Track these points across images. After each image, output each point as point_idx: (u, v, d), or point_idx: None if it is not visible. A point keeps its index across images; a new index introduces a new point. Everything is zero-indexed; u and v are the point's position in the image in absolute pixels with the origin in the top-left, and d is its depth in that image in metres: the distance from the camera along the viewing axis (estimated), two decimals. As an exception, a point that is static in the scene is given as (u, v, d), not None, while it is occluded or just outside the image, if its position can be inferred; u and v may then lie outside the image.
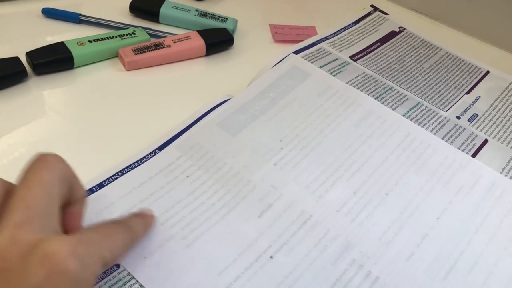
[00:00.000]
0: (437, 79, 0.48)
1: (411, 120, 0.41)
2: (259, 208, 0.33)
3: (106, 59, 0.46)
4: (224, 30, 0.50)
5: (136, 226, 0.29)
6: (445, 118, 0.43)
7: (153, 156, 0.36)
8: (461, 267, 0.32)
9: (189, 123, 0.38)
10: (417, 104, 0.44)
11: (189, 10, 0.52)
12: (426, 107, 0.44)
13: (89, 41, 0.45)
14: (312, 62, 0.45)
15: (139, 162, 0.35)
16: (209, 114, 0.39)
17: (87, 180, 0.33)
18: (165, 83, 0.45)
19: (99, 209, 0.31)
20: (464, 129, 0.42)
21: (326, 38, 0.50)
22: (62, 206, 0.25)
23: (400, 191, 0.36)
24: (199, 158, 0.36)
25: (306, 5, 0.60)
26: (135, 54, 0.45)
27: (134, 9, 0.52)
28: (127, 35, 0.47)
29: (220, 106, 0.40)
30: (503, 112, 0.45)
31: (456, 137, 0.41)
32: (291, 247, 0.31)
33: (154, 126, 0.39)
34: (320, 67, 0.45)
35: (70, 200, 0.26)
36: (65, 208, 0.25)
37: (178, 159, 0.35)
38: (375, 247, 0.32)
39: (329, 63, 0.46)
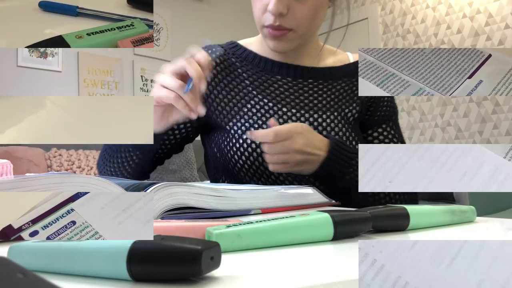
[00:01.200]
0: (438, 63, 0.47)
1: (413, 106, 0.41)
2: None
3: (105, 52, 0.46)
4: None
5: None
6: (447, 103, 0.43)
7: (155, 149, 0.35)
8: (466, 254, 0.32)
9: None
10: (419, 90, 0.43)
11: None
12: (429, 92, 0.43)
13: (87, 34, 0.45)
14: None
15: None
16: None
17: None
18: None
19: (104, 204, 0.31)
20: (467, 114, 0.42)
21: (326, 25, 0.49)
22: None
23: (403, 179, 0.35)
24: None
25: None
26: (134, 46, 0.45)
27: (132, 1, 0.51)
28: (125, 27, 0.46)
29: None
30: (506, 96, 0.45)
31: (459, 123, 0.41)
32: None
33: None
34: (321, 55, 0.44)
35: None
36: None
37: (180, 152, 0.35)
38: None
39: (329, 50, 0.45)
